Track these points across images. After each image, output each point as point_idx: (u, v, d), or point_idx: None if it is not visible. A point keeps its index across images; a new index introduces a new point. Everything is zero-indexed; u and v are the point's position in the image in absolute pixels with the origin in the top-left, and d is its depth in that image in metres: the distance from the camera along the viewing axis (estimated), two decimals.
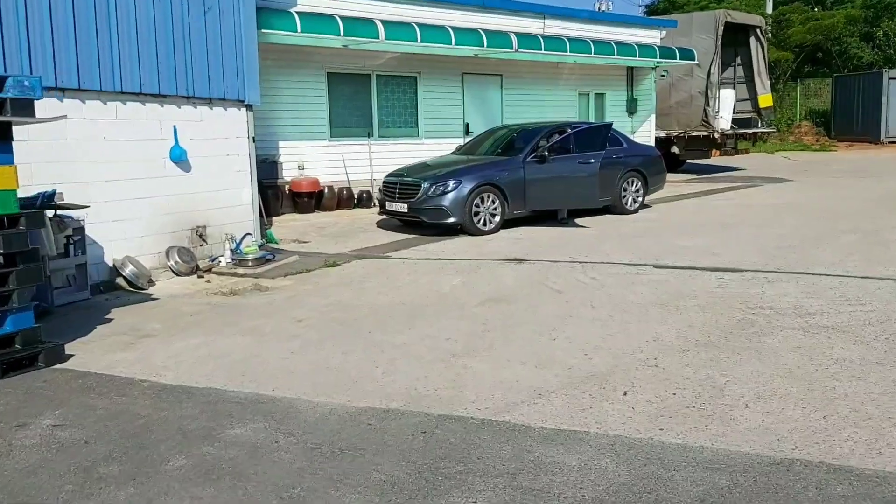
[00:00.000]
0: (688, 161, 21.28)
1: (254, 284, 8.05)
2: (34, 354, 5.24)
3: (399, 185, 10.88)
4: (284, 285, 7.93)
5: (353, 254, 9.51)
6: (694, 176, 19.55)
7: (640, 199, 12.63)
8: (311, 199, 12.58)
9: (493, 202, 10.71)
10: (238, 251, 9.23)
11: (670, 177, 18.88)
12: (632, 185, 12.48)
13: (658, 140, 19.56)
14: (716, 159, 22.01)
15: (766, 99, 21.10)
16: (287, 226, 11.74)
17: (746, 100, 21.34)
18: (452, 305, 6.68)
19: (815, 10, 34.06)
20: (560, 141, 11.21)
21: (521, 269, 8.18)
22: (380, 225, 11.62)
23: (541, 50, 14.21)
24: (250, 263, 8.85)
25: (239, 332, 6.01)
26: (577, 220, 11.71)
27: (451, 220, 10.41)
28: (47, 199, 6.63)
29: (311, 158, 12.84)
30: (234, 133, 9.46)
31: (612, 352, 5.19)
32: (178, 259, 8.46)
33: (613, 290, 6.98)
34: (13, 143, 5.26)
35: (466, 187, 10.43)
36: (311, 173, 12.80)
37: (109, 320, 6.58)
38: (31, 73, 6.88)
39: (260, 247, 9.69)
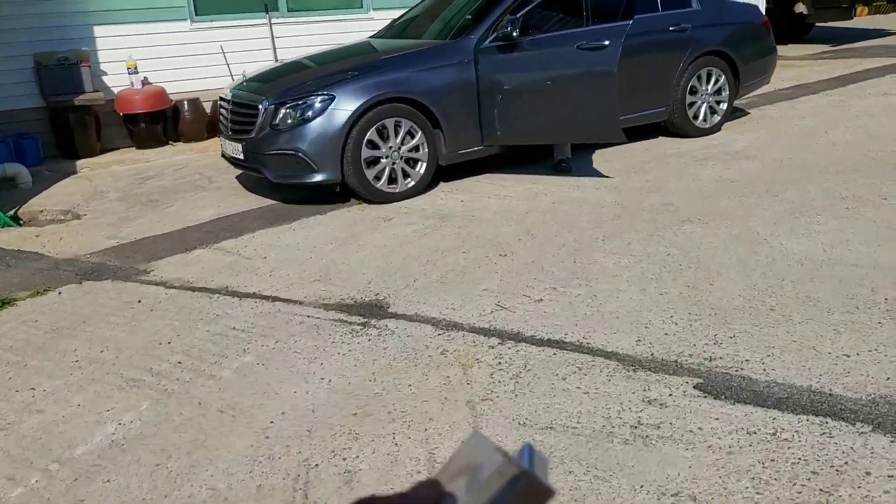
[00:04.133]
0: (818, 24, 14.64)
1: None
2: None
3: (231, 107, 5.70)
4: None
5: (111, 255, 4.67)
6: (828, 48, 13.07)
7: (725, 105, 6.90)
8: (158, 125, 7.57)
9: (410, 135, 5.40)
10: None
11: (791, 51, 12.58)
12: (706, 81, 6.74)
13: None
14: (861, 19, 15.20)
15: None
16: (88, 178, 6.88)
17: None
18: None
19: None
20: (543, 6, 5.59)
21: (321, 369, 3.06)
22: (244, 177, 6.53)
23: None
24: None
25: None
26: (597, 155, 6.25)
27: (318, 176, 5.23)
28: None
29: (160, 53, 7.73)
30: None
31: None
32: None
33: None
34: None
35: (345, 108, 5.15)
36: (161, 78, 7.74)
37: None
38: None
39: None
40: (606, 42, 5.13)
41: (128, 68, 7.41)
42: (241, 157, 5.49)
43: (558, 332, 3.14)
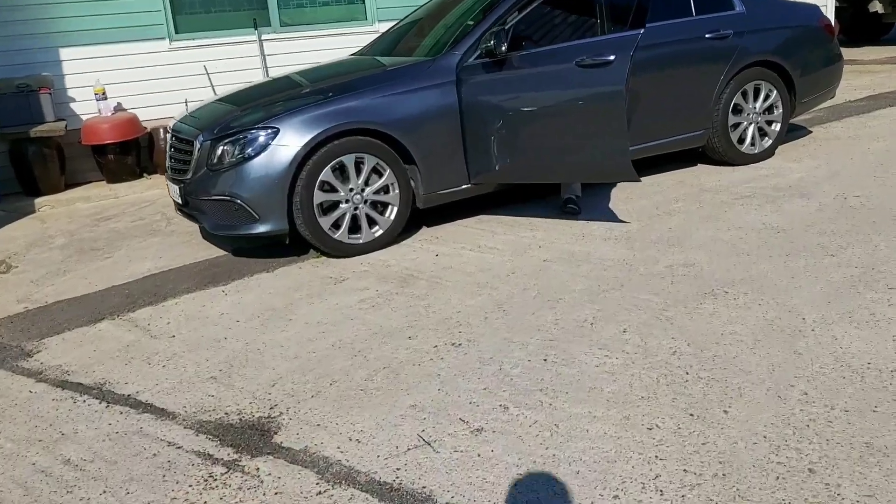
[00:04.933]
0: None
1: None
2: None
3: (172, 142, 4.87)
4: None
5: (6, 327, 3.92)
6: None
7: (778, 126, 5.72)
8: (129, 156, 6.82)
9: (377, 174, 4.46)
10: None
11: (866, 54, 11.15)
12: (754, 97, 5.59)
13: None
14: None
15: None
16: (42, 219, 6.17)
17: None
18: None
19: None
20: (540, 12, 4.57)
21: None
22: None
23: None
24: None
25: None
26: (618, 191, 5.20)
27: (261, 227, 4.32)
28: None
29: (135, 76, 7.02)
30: None
31: None
32: None
33: None
34: None
35: (292, 143, 4.23)
36: (137, 104, 7.02)
37: None
38: None
39: None
40: (612, 57, 4.07)
41: (95, 94, 6.69)
42: (181, 201, 4.64)
43: (487, 497, 2.13)
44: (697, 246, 4.01)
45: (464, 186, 4.76)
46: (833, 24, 6.31)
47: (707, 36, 5.29)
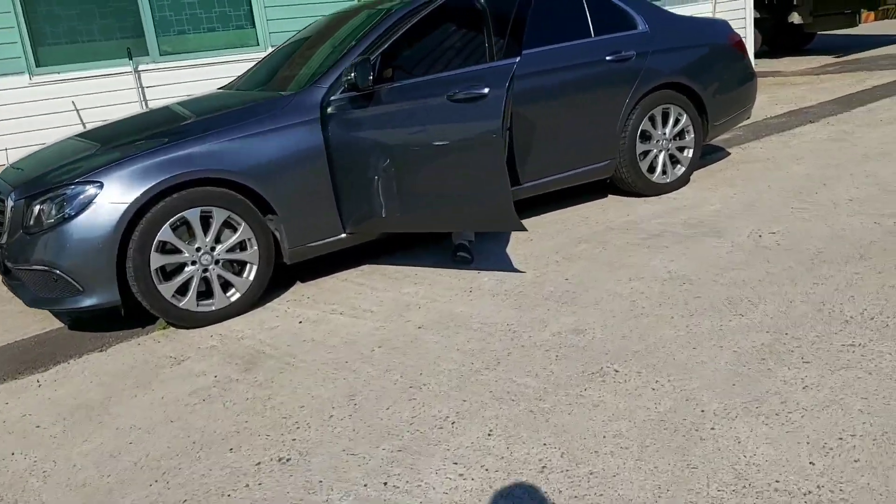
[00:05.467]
0: (820, 33, 12.99)
1: None
2: None
3: None
4: None
5: None
6: (831, 59, 11.41)
7: (690, 152, 5.27)
8: None
9: (231, 228, 3.84)
10: None
11: (789, 65, 10.94)
12: (663, 122, 5.14)
13: (762, 3, 11.50)
14: (868, 26, 13.55)
15: None
16: None
17: None
18: None
19: None
20: (418, 40, 4.03)
21: None
22: None
23: None
24: None
25: None
26: (510, 240, 4.66)
27: (87, 300, 3.63)
28: None
29: None
30: None
31: None
32: None
33: None
34: None
35: (118, 200, 3.57)
36: None
37: None
38: None
39: None
40: (485, 90, 3.52)
41: None
42: (1, 269, 3.93)
43: None
44: (593, 303, 3.48)
45: (340, 236, 4.16)
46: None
47: (608, 58, 4.81)
